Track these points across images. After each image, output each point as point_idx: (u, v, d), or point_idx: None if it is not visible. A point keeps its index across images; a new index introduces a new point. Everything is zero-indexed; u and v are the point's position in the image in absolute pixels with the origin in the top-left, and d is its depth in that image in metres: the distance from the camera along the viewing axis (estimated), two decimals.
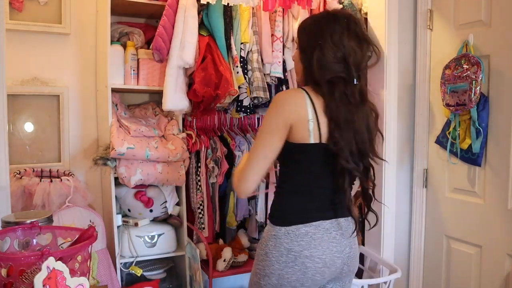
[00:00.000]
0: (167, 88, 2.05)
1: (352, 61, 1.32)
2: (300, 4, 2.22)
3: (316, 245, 1.35)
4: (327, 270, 1.38)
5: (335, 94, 1.32)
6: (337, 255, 1.38)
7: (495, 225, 1.85)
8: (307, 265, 1.35)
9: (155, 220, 2.22)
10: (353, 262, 1.46)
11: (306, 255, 1.34)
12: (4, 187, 1.48)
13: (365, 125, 1.37)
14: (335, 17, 1.38)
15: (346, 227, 1.42)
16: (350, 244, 1.43)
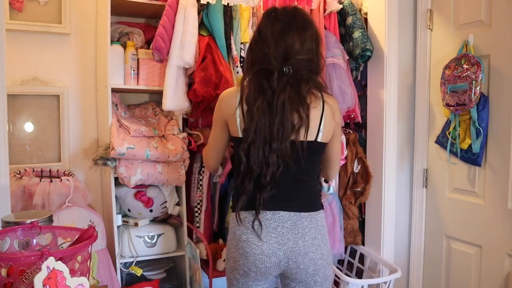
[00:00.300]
0: (167, 88, 2.05)
1: (272, 53, 1.36)
2: (300, 4, 2.22)
3: (253, 231, 1.42)
4: (266, 259, 1.41)
5: (252, 85, 1.38)
6: (276, 246, 1.41)
7: (495, 225, 1.85)
8: (246, 250, 1.43)
9: (155, 220, 2.22)
10: (304, 260, 1.42)
11: (244, 240, 1.43)
12: (4, 187, 1.48)
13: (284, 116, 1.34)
14: (268, 11, 1.46)
15: (295, 222, 1.42)
16: (296, 240, 1.41)
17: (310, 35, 1.40)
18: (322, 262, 1.46)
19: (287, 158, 1.36)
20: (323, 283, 1.49)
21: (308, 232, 1.43)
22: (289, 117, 1.34)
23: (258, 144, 1.35)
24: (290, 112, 1.34)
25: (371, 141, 2.29)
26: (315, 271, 1.45)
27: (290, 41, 1.36)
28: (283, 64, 1.36)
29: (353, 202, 2.33)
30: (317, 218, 1.47)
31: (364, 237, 2.35)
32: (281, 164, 1.36)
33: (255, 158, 1.36)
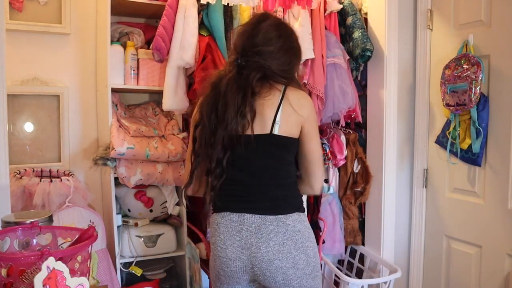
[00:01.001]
0: (167, 88, 2.05)
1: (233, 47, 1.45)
2: (300, 4, 2.22)
3: (219, 234, 1.39)
4: (231, 263, 1.37)
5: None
6: (240, 250, 1.36)
7: (495, 225, 1.85)
8: (214, 252, 1.41)
9: (155, 220, 2.22)
10: (270, 268, 1.33)
11: (213, 242, 1.42)
12: (4, 187, 1.48)
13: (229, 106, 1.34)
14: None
15: (259, 226, 1.34)
16: (259, 245, 1.33)
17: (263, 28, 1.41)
18: (296, 272, 1.34)
19: (235, 143, 1.32)
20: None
21: (274, 238, 1.34)
22: (232, 99, 1.33)
23: (206, 127, 1.36)
24: (232, 94, 1.33)
25: (371, 141, 2.29)
26: (285, 281, 1.35)
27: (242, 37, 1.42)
28: (239, 57, 1.40)
29: (353, 202, 2.33)
30: (287, 222, 1.36)
31: (364, 237, 2.35)
32: (227, 149, 1.33)
33: (202, 141, 1.37)
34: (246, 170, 1.38)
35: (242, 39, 1.42)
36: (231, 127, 1.32)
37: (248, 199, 1.38)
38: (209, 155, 1.36)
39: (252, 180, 1.38)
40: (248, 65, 1.38)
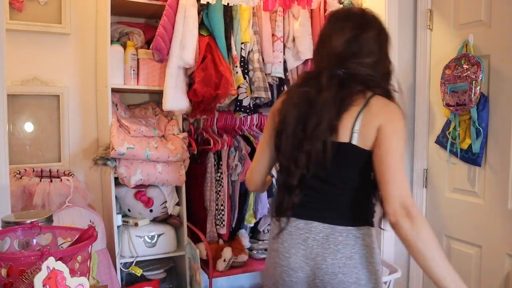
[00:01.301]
0: (167, 88, 2.05)
1: (325, 54, 1.29)
2: (300, 4, 2.22)
3: (283, 241, 1.30)
4: (293, 274, 1.29)
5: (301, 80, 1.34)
6: (304, 259, 1.27)
7: (495, 225, 1.85)
8: (275, 260, 1.33)
9: (155, 220, 2.22)
10: (332, 282, 1.24)
11: (274, 249, 1.33)
12: (4, 187, 1.48)
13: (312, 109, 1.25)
14: (331, 13, 1.39)
15: (327, 235, 1.25)
16: (325, 257, 1.24)
17: (371, 37, 1.28)
18: (357, 287, 1.25)
19: (319, 160, 1.22)
20: None
21: (342, 249, 1.24)
22: (327, 117, 1.21)
23: (289, 137, 1.26)
24: (329, 113, 1.22)
25: None
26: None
27: (351, 46, 1.26)
28: (336, 67, 1.26)
29: None
30: (357, 234, 1.27)
31: None
32: (311, 167, 1.24)
33: (284, 149, 1.27)
34: (321, 178, 1.25)
35: (340, 45, 1.27)
36: (317, 146, 1.22)
37: (318, 207, 1.27)
38: (291, 170, 1.26)
39: (322, 188, 1.27)
40: (347, 78, 1.25)
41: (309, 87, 1.27)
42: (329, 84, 1.23)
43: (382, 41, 1.31)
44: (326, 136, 1.21)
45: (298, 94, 1.29)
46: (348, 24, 1.29)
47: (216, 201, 2.25)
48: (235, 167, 2.23)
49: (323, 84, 1.24)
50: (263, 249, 2.34)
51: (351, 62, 1.25)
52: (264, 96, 2.16)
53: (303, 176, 1.25)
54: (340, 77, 1.25)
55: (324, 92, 1.23)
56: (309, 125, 1.23)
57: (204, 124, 2.36)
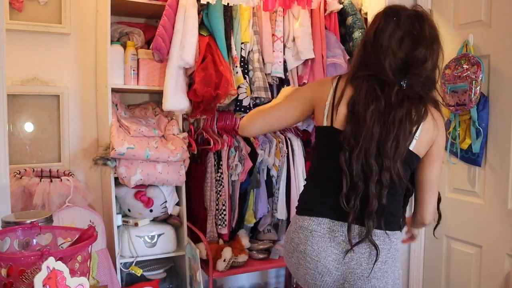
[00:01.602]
0: (167, 88, 2.05)
1: (388, 64, 1.22)
2: (300, 4, 2.22)
3: (313, 244, 1.25)
4: (318, 277, 1.25)
5: (363, 89, 1.23)
6: (334, 264, 1.24)
7: (495, 225, 1.85)
8: (300, 261, 1.28)
9: (155, 220, 2.22)
10: (362, 284, 1.22)
11: (301, 251, 1.27)
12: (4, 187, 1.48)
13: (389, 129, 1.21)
14: (388, 12, 1.28)
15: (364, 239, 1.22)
16: (361, 261, 1.22)
17: (437, 51, 1.25)
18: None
19: (395, 177, 1.20)
20: None
21: (379, 254, 1.22)
22: (404, 134, 1.20)
23: (363, 152, 1.20)
24: (405, 129, 1.20)
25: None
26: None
27: (413, 55, 1.22)
28: (399, 77, 1.23)
29: None
30: (392, 239, 1.26)
31: None
32: (388, 184, 1.20)
33: (358, 167, 1.21)
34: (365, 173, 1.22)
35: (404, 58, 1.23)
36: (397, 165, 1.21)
37: (356, 208, 1.22)
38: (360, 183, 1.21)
39: (370, 192, 1.22)
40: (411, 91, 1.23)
41: (377, 100, 1.22)
42: (397, 99, 1.21)
43: (440, 52, 1.28)
44: (402, 151, 1.21)
45: (375, 108, 1.22)
46: (423, 27, 1.24)
47: (216, 201, 2.25)
48: (235, 167, 2.23)
49: (393, 100, 1.21)
50: (263, 249, 2.34)
51: (413, 73, 1.23)
52: (264, 96, 2.16)
53: (380, 194, 1.21)
54: (404, 91, 1.22)
55: (396, 110, 1.20)
56: (387, 147, 1.20)
57: (204, 124, 2.36)
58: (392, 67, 1.23)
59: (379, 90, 1.22)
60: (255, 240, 2.44)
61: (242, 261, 2.19)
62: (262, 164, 2.36)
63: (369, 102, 1.21)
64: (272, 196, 2.41)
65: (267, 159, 2.35)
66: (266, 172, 2.39)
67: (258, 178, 2.34)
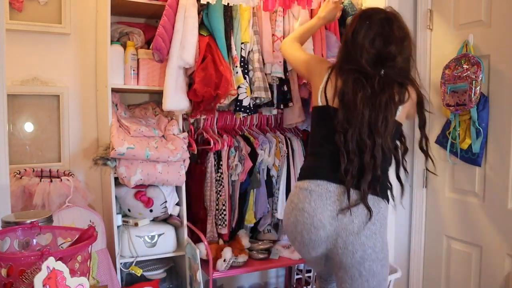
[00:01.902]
0: (167, 88, 2.05)
1: (364, 59, 1.48)
2: (300, 4, 2.22)
3: (311, 201, 1.45)
4: (314, 231, 1.43)
5: (350, 81, 1.49)
6: (328, 219, 1.42)
7: (495, 225, 1.85)
8: (297, 218, 1.46)
9: (155, 220, 2.22)
10: (355, 242, 1.40)
11: (299, 208, 1.46)
12: (4, 187, 1.48)
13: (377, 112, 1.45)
14: (362, 15, 1.56)
15: (357, 200, 1.43)
16: (353, 218, 1.41)
17: (408, 47, 1.51)
18: (372, 252, 1.42)
19: (386, 151, 1.46)
20: (370, 279, 1.43)
21: (368, 216, 1.43)
22: (391, 114, 1.46)
23: (357, 132, 1.44)
24: (392, 110, 1.46)
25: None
26: (361, 259, 1.41)
27: (384, 52, 1.48)
28: (377, 69, 1.48)
29: None
30: (380, 205, 1.47)
31: None
32: (381, 157, 1.44)
33: (354, 145, 1.44)
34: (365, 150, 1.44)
35: (376, 53, 1.49)
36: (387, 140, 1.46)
37: (351, 174, 1.43)
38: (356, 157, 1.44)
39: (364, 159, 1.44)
40: (389, 79, 1.49)
41: (364, 88, 1.47)
42: (379, 87, 1.46)
43: (411, 47, 1.55)
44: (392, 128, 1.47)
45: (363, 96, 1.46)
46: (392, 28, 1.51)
47: (216, 201, 2.25)
48: (235, 167, 2.24)
49: (376, 87, 1.46)
50: (263, 249, 2.34)
51: (388, 65, 1.49)
52: (264, 96, 2.16)
53: (375, 166, 1.43)
54: (383, 79, 1.48)
55: (381, 96, 1.46)
56: (378, 126, 1.44)
57: (204, 124, 2.36)
58: (368, 61, 1.48)
59: (364, 80, 1.47)
60: (255, 240, 2.44)
61: (242, 261, 2.19)
62: (262, 164, 2.36)
63: (357, 91, 1.46)
64: (272, 196, 2.41)
65: (267, 159, 2.35)
66: (266, 172, 2.39)
67: (258, 178, 2.34)
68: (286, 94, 2.31)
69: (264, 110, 2.39)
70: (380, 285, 1.46)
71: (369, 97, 1.45)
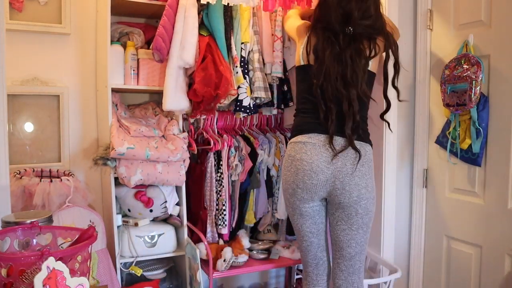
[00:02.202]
0: (167, 88, 2.05)
1: (333, 18, 1.65)
2: (299, 4, 2.22)
3: (307, 151, 1.64)
4: (314, 176, 1.62)
5: (321, 39, 1.67)
6: (325, 164, 1.61)
7: (495, 225, 1.86)
8: (297, 167, 1.65)
9: (155, 220, 2.22)
10: (351, 182, 1.60)
11: (298, 158, 1.65)
12: (4, 187, 1.48)
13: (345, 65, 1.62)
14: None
15: (346, 146, 1.61)
16: (345, 162, 1.61)
17: (369, 5, 1.65)
18: (366, 192, 1.63)
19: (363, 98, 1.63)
20: (364, 216, 1.65)
21: (357, 158, 1.61)
22: (358, 66, 1.61)
23: (333, 88, 1.61)
24: (358, 62, 1.62)
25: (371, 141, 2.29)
26: (358, 198, 1.62)
27: (348, 10, 1.63)
28: (345, 26, 1.64)
29: None
30: (365, 149, 1.65)
31: None
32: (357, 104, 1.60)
33: (329, 94, 1.61)
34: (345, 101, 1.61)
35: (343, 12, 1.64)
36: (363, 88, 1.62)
37: (339, 124, 1.61)
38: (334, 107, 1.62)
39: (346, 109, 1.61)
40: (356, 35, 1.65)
41: (332, 45, 1.64)
42: (345, 42, 1.64)
43: (377, 6, 1.70)
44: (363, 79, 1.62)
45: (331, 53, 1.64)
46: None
47: (216, 201, 2.25)
48: (235, 167, 2.24)
49: (341, 43, 1.64)
50: (263, 249, 2.34)
51: (355, 23, 1.64)
52: (264, 96, 2.16)
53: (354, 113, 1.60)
54: (350, 35, 1.65)
55: (346, 51, 1.63)
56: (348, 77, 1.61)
57: (204, 124, 2.36)
58: (338, 20, 1.65)
59: (332, 37, 1.65)
60: (255, 240, 2.44)
61: (242, 261, 2.19)
62: (262, 164, 2.36)
63: (326, 47, 1.64)
64: (272, 196, 2.41)
65: (267, 159, 2.35)
66: (266, 172, 2.39)
67: (258, 178, 2.34)
68: (286, 94, 2.31)
69: (264, 110, 2.39)
70: (370, 221, 1.69)
71: (337, 53, 1.62)
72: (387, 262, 2.15)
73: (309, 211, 1.71)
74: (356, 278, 1.72)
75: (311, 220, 1.73)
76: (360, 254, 1.71)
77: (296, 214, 1.74)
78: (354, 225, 1.65)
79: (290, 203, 1.74)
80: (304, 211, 1.71)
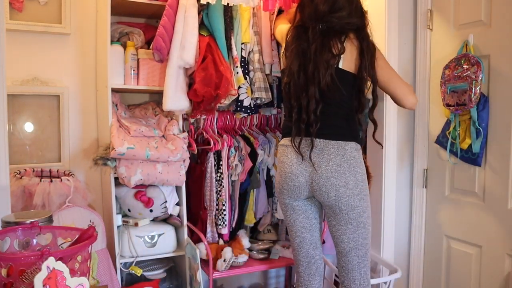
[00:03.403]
0: (167, 88, 2.05)
1: (307, 15, 1.67)
2: None
3: (287, 154, 1.69)
4: (295, 178, 1.66)
5: (292, 36, 1.71)
6: (303, 167, 1.64)
7: (495, 225, 1.86)
8: (281, 170, 1.71)
9: (155, 220, 2.22)
10: (326, 184, 1.60)
11: (281, 161, 1.72)
12: (4, 187, 1.48)
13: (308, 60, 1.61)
14: None
15: (322, 148, 1.61)
16: (320, 164, 1.61)
17: (352, 4, 1.65)
18: (345, 190, 1.60)
19: (326, 96, 1.60)
20: (350, 212, 1.63)
21: (334, 159, 1.60)
22: (322, 60, 1.58)
23: (295, 84, 1.63)
24: (322, 56, 1.58)
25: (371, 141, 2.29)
26: (336, 198, 1.61)
27: (316, 3, 1.64)
28: (319, 23, 1.64)
29: None
30: (345, 148, 1.62)
31: None
32: (319, 103, 1.59)
33: (292, 93, 1.64)
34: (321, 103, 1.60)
35: (314, 9, 1.65)
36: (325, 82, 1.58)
37: (316, 126, 1.60)
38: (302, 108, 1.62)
39: (322, 110, 1.61)
40: (328, 30, 1.64)
41: (299, 40, 1.65)
42: (313, 37, 1.62)
43: (354, 2, 1.68)
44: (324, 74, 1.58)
45: (296, 48, 1.65)
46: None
47: (216, 201, 2.25)
48: (235, 167, 2.24)
49: (310, 38, 1.63)
50: (263, 249, 2.34)
51: (327, 20, 1.64)
52: (265, 96, 2.16)
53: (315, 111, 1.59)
54: (321, 31, 1.64)
55: (312, 45, 1.61)
56: (309, 73, 1.60)
57: (204, 124, 2.36)
58: (311, 17, 1.66)
59: (302, 33, 1.66)
60: (255, 240, 2.44)
61: (242, 261, 2.19)
62: (262, 164, 2.36)
63: (293, 43, 1.67)
64: (272, 196, 2.41)
65: (267, 159, 2.35)
66: (266, 172, 2.39)
67: (258, 178, 2.34)
68: None
69: (264, 110, 2.40)
70: (360, 216, 1.64)
71: (303, 48, 1.63)
72: (387, 262, 2.15)
73: (301, 205, 1.74)
74: (357, 275, 1.70)
75: (303, 215, 1.75)
76: (357, 249, 1.67)
77: (288, 210, 1.76)
78: (341, 220, 1.65)
79: (281, 200, 1.78)
80: (295, 205, 1.74)
